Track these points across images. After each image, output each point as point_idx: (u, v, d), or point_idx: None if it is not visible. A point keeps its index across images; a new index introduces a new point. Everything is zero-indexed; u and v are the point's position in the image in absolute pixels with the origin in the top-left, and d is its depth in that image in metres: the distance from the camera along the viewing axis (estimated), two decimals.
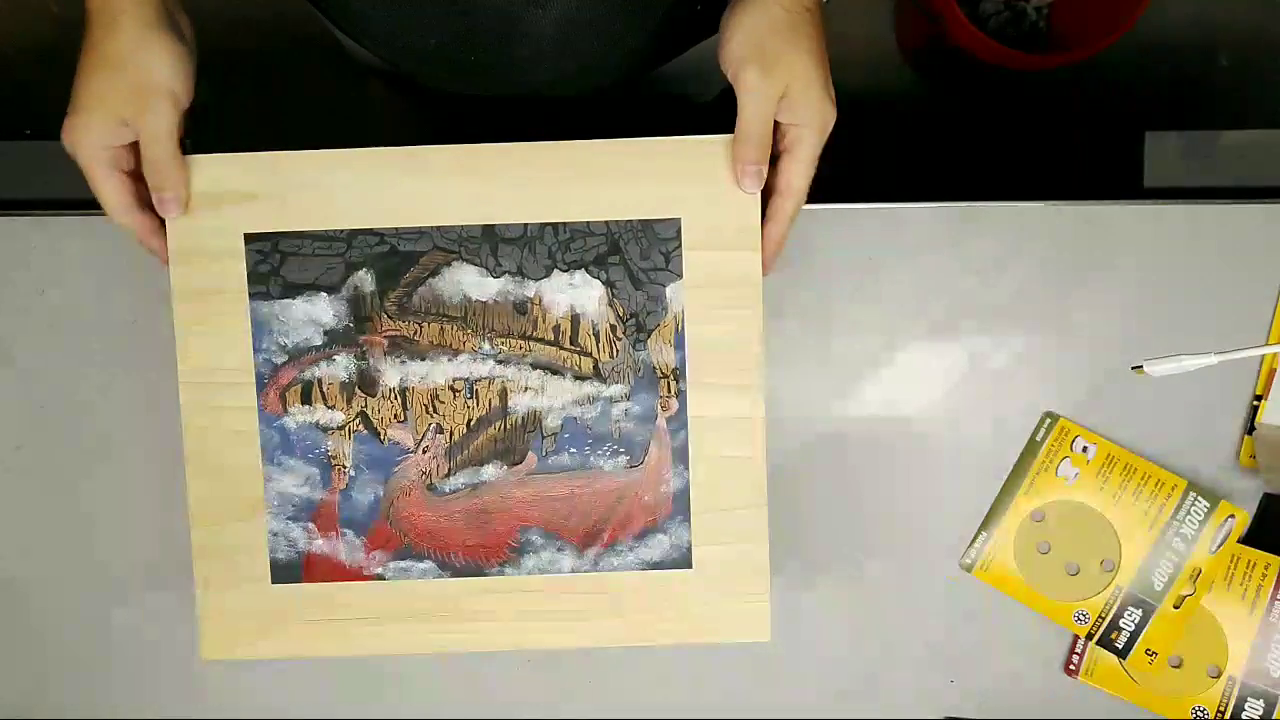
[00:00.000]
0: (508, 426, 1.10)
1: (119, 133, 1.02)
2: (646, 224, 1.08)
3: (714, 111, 1.68)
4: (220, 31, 1.10)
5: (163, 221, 1.08)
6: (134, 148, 1.04)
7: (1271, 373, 1.24)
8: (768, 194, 1.07)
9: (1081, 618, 1.24)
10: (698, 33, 1.22)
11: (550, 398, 1.10)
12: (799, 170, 1.05)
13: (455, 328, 1.09)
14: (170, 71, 1.02)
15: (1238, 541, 1.24)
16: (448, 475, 1.11)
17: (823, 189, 1.12)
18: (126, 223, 1.06)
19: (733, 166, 1.06)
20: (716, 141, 1.07)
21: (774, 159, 1.06)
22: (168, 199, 1.05)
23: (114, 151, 1.03)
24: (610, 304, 1.09)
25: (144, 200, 1.06)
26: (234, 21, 2.04)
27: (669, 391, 1.10)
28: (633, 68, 1.05)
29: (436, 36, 0.94)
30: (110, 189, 1.04)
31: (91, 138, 1.02)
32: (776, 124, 1.04)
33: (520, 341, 1.09)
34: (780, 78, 1.02)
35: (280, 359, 1.10)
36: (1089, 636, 1.24)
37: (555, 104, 1.20)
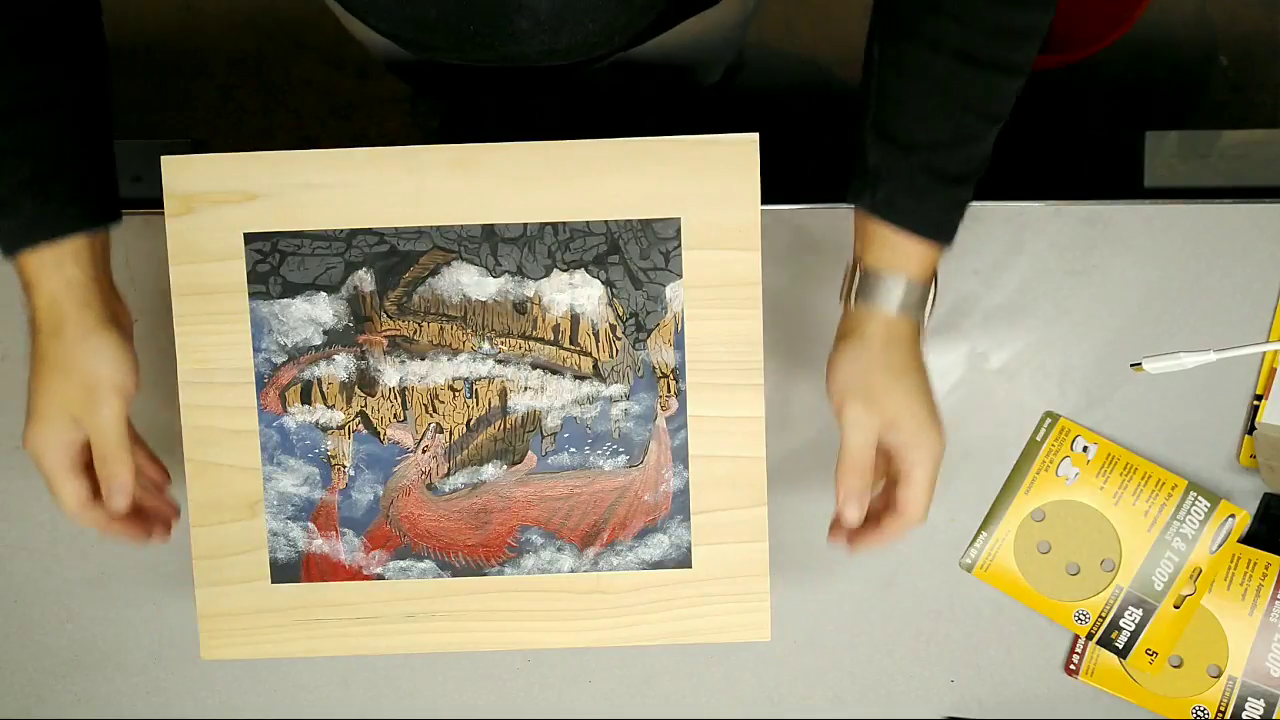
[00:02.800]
0: (507, 426, 1.10)
1: (76, 434, 1.05)
2: (646, 223, 1.08)
3: (718, 91, 1.68)
4: (220, 31, 1.10)
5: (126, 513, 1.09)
6: (88, 446, 1.07)
7: (1272, 372, 1.24)
8: (876, 514, 1.08)
9: (1082, 617, 1.24)
10: (694, 5, 1.22)
11: (550, 397, 1.10)
12: (917, 496, 1.06)
13: (455, 327, 1.09)
14: (114, 368, 1.05)
15: (1238, 541, 1.24)
16: (447, 475, 1.11)
17: (824, 189, 1.12)
18: (86, 520, 1.08)
19: (837, 493, 1.07)
20: (716, 141, 1.07)
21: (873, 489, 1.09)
22: (116, 487, 1.07)
23: (73, 452, 1.06)
24: (610, 303, 1.09)
25: (99, 495, 1.08)
26: (234, 21, 2.04)
27: (669, 391, 1.10)
28: (631, 39, 1.06)
29: (438, 6, 0.95)
30: (69, 490, 1.06)
31: (50, 440, 1.05)
32: (888, 449, 1.06)
33: (520, 341, 1.09)
34: (883, 412, 1.05)
35: (280, 358, 1.10)
36: (1089, 636, 1.24)
37: (558, 86, 1.20)
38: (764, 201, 1.08)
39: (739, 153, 1.07)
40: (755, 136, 1.07)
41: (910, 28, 0.99)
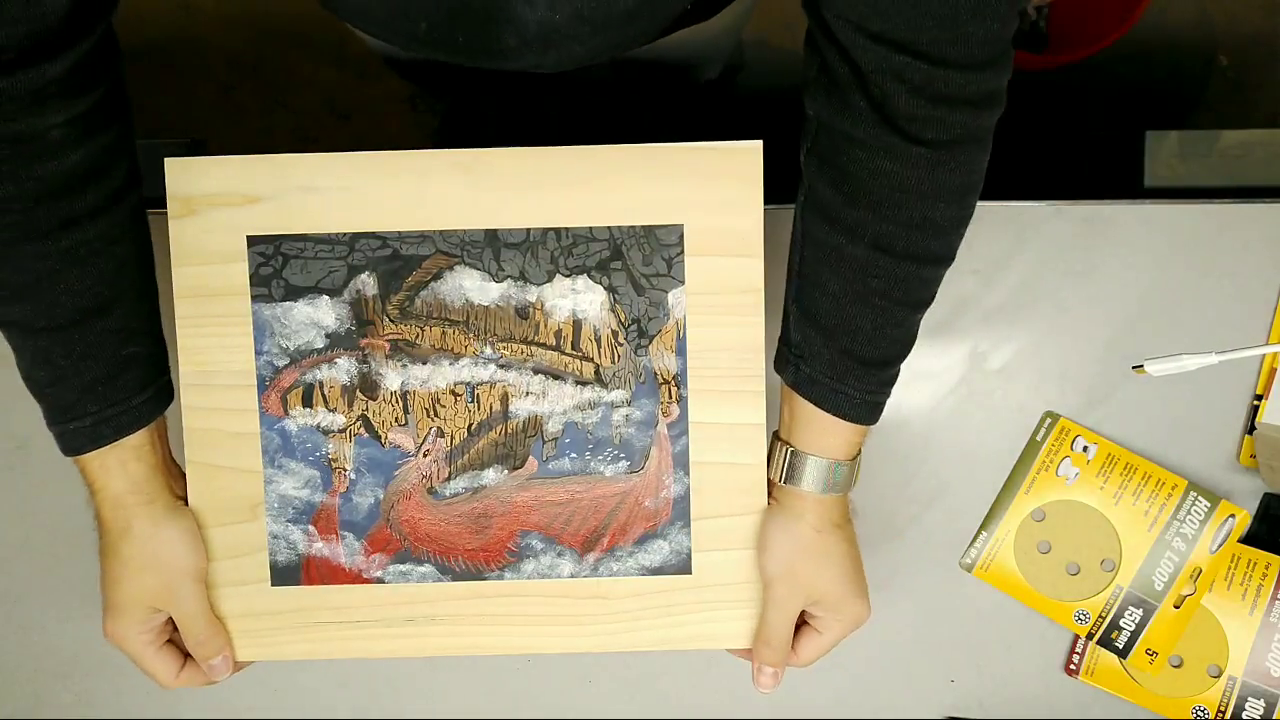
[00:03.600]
0: (508, 431, 1.10)
1: (155, 618, 1.09)
2: (649, 229, 1.08)
3: (715, 88, 1.68)
4: (220, 31, 1.10)
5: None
6: (170, 620, 1.11)
7: (1272, 372, 1.24)
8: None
9: (1082, 617, 1.24)
10: (684, 20, 1.22)
11: (551, 402, 1.10)
12: (817, 649, 1.11)
13: (457, 332, 1.09)
14: (187, 557, 1.09)
15: (1238, 541, 1.24)
16: (448, 479, 1.11)
17: None
18: (184, 684, 1.12)
19: (753, 661, 1.12)
20: (720, 148, 1.07)
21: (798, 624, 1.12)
22: (216, 664, 1.12)
23: (156, 634, 1.10)
24: (612, 309, 1.09)
25: (185, 654, 1.13)
26: (234, 21, 2.03)
27: (670, 397, 1.09)
28: (616, 55, 1.06)
29: (427, 19, 0.95)
30: (160, 666, 1.11)
31: (133, 632, 1.09)
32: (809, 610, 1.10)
33: (522, 346, 1.09)
34: (810, 593, 1.08)
35: (282, 361, 1.10)
36: (1089, 636, 1.24)
37: (556, 91, 1.20)
38: (765, 203, 1.08)
39: (742, 160, 1.07)
40: (759, 144, 1.07)
41: (829, 212, 0.99)
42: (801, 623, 1.11)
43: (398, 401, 1.10)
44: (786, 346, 1.06)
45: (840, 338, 1.02)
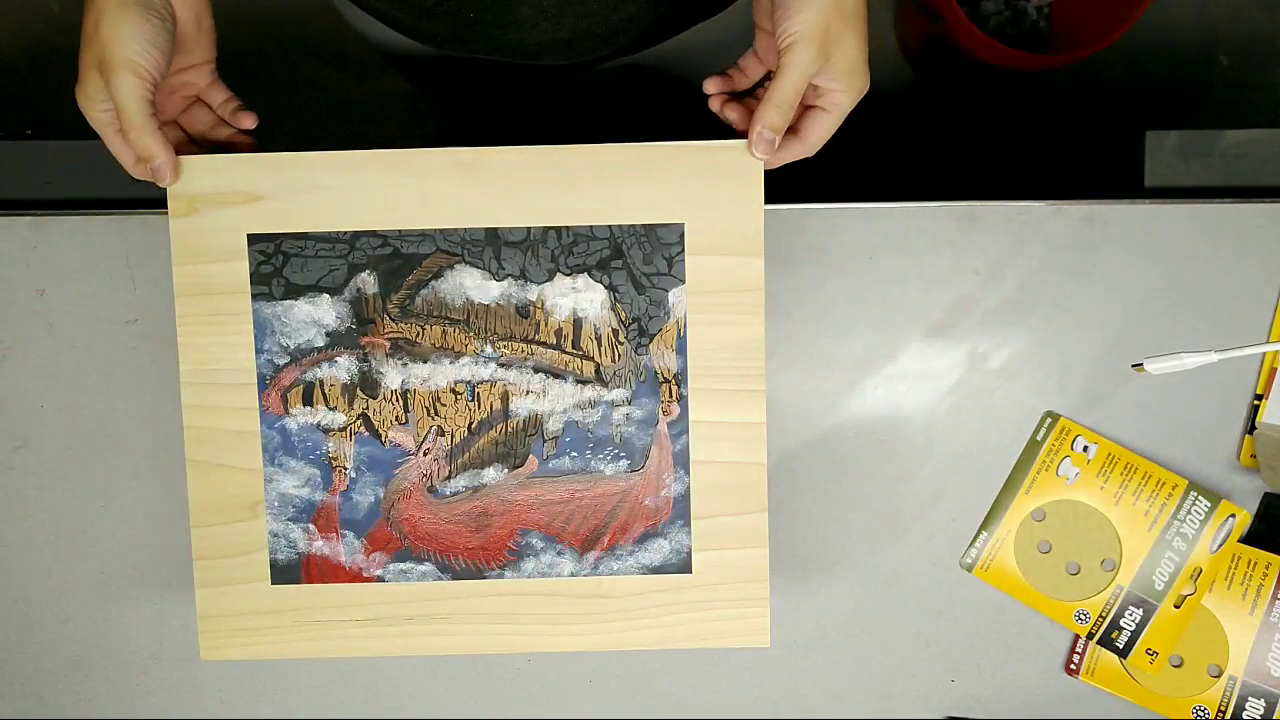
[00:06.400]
0: (509, 429, 1.10)
1: (108, 99, 1.04)
2: (650, 228, 1.08)
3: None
4: (220, 31, 1.10)
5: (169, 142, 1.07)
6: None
7: (1272, 372, 1.24)
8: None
9: (1082, 617, 1.24)
10: (699, 10, 1.21)
11: (552, 401, 1.10)
12: (826, 126, 1.06)
13: (457, 330, 1.09)
14: (131, 46, 1.02)
15: (1238, 541, 1.24)
16: (448, 478, 1.11)
17: (823, 188, 1.12)
18: (141, 171, 1.07)
19: (752, 126, 1.05)
20: (720, 147, 1.07)
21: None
22: (150, 167, 1.07)
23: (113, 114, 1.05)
24: (613, 308, 1.09)
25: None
26: (234, 22, 2.03)
27: (670, 396, 1.09)
28: (631, 38, 1.06)
29: None
30: (118, 147, 1.05)
31: (89, 103, 1.04)
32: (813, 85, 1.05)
33: (522, 345, 1.09)
34: (828, 58, 1.03)
35: (282, 360, 1.10)
36: (1090, 636, 1.24)
37: (561, 90, 1.20)
38: (765, 202, 1.08)
39: (743, 159, 1.07)
40: None
41: None
42: (803, 108, 1.08)
43: (398, 400, 1.10)
44: None
45: None
